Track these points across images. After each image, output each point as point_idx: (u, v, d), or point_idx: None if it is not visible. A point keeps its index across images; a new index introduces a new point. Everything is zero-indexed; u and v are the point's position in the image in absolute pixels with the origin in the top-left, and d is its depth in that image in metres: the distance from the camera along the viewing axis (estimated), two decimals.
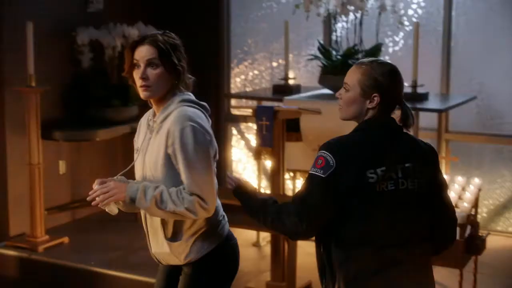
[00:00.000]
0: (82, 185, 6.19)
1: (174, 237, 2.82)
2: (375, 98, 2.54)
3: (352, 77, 2.59)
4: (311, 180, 2.51)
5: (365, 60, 2.62)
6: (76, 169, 6.05)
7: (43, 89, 5.39)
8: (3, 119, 5.53)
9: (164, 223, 2.81)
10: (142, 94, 2.78)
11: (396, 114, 2.62)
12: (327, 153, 2.49)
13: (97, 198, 2.77)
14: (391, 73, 2.56)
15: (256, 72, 6.79)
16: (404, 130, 2.63)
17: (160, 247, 2.86)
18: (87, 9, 6.15)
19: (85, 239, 5.70)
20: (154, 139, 2.78)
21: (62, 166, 6.02)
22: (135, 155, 2.89)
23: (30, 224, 5.45)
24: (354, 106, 2.61)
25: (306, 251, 5.33)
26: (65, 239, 5.59)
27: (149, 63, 2.75)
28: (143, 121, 2.93)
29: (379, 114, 2.56)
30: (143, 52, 2.76)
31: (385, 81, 2.53)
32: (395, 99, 2.59)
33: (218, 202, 2.92)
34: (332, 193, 2.47)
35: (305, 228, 2.51)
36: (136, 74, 2.77)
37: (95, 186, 2.78)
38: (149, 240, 2.92)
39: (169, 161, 2.72)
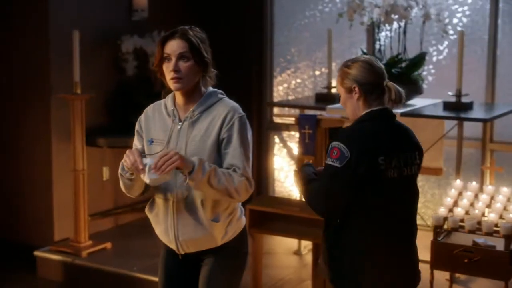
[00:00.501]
0: None
1: (214, 218, 2.88)
2: (356, 89, 2.91)
3: (337, 85, 3.03)
4: (328, 170, 2.80)
5: (341, 65, 3.02)
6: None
7: (88, 96, 5.46)
8: (49, 125, 5.61)
9: (203, 204, 2.85)
10: (173, 86, 2.87)
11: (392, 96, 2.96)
12: (341, 144, 2.79)
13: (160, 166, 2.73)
14: (360, 64, 2.94)
15: (298, 80, 6.79)
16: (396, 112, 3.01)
17: (195, 232, 2.88)
18: (131, 17, 6.22)
19: (127, 244, 5.75)
20: (191, 128, 2.88)
21: (105, 173, 6.09)
22: (155, 146, 2.92)
23: (74, 229, 5.52)
24: (348, 106, 2.97)
25: None
26: (108, 245, 5.64)
27: (181, 56, 2.85)
28: (157, 112, 2.98)
29: (370, 103, 2.91)
30: (174, 46, 2.85)
31: (356, 72, 2.91)
32: (374, 84, 2.92)
33: None
34: (347, 181, 2.77)
35: (326, 215, 2.92)
36: (167, 68, 2.86)
37: (147, 160, 2.77)
38: (175, 229, 2.91)
39: (217, 146, 2.85)
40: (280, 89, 6.86)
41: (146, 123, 3.01)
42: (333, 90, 5.90)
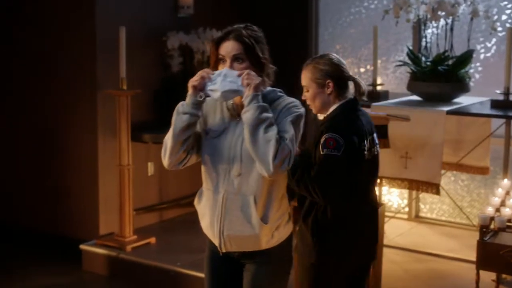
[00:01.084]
0: (170, 187, 6.31)
1: (263, 218, 2.83)
2: (330, 84, 3.20)
3: (305, 78, 3.26)
4: (328, 160, 3.05)
5: (307, 60, 3.28)
6: (164, 171, 6.14)
7: (134, 92, 5.51)
8: (95, 121, 5.67)
9: (255, 201, 2.80)
10: None
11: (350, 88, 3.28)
12: (335, 134, 3.07)
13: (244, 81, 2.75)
14: (331, 59, 3.24)
15: None
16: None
17: (241, 229, 2.83)
18: (177, 14, 6.26)
19: (171, 240, 5.79)
20: None
21: (150, 168, 6.14)
22: (213, 137, 2.87)
23: (119, 224, 5.57)
24: (318, 100, 3.24)
25: (391, 259, 5.28)
26: (152, 240, 5.69)
27: (235, 58, 2.80)
28: (219, 104, 2.91)
29: (340, 96, 3.21)
30: (228, 48, 2.80)
31: (329, 68, 3.20)
32: (343, 77, 3.23)
33: (287, 197, 2.98)
34: (347, 167, 3.07)
35: (327, 201, 3.13)
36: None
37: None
38: (221, 224, 2.86)
39: None
40: None
41: (206, 112, 2.93)
42: (379, 88, 5.86)
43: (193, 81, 2.81)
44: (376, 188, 3.50)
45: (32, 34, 5.96)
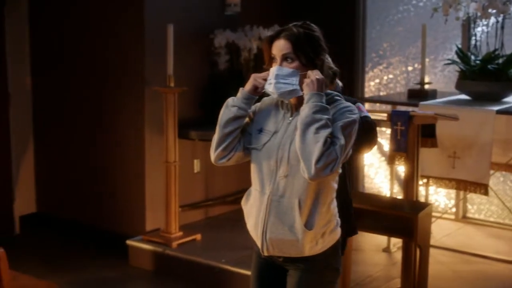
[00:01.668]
0: (215, 184, 6.33)
1: (307, 224, 2.77)
2: None
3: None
4: (370, 123, 3.43)
5: None
6: (210, 168, 6.18)
7: (181, 89, 5.54)
8: (142, 117, 5.72)
9: (300, 206, 2.75)
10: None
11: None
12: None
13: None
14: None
15: (391, 76, 6.71)
16: None
17: (284, 233, 2.78)
18: (224, 12, 6.28)
19: (216, 237, 5.81)
20: None
21: (196, 165, 6.17)
22: (262, 136, 2.86)
23: (165, 220, 5.61)
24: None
25: (437, 260, 5.23)
26: (198, 236, 5.72)
27: (285, 58, 2.77)
28: (274, 104, 2.90)
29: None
30: (279, 47, 2.78)
31: None
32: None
33: (335, 202, 2.91)
34: None
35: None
36: None
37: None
38: (264, 225, 2.82)
39: None
40: (371, 85, 6.79)
41: (260, 111, 2.92)
42: (426, 86, 5.80)
43: (258, 81, 2.82)
44: (423, 188, 3.47)
45: (82, 32, 6.03)
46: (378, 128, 6.60)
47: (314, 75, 2.73)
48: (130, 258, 5.65)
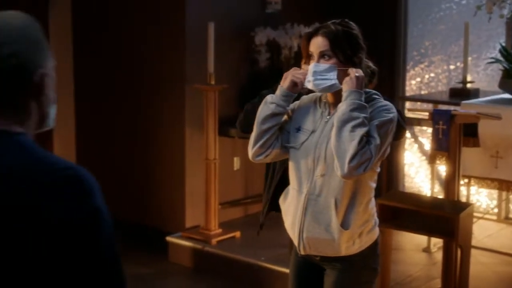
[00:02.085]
0: (255, 181, 6.33)
1: (344, 224, 2.77)
2: None
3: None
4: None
5: None
6: (249, 166, 6.18)
7: (222, 87, 5.56)
8: (183, 115, 5.76)
9: (336, 205, 2.75)
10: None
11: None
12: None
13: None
14: None
15: (432, 74, 6.64)
16: None
17: (320, 233, 2.78)
18: (265, 10, 6.28)
19: (255, 234, 5.81)
20: None
21: (236, 163, 6.19)
22: (301, 134, 2.86)
23: (205, 217, 5.64)
24: None
25: (479, 260, 5.17)
26: (237, 234, 5.73)
27: (322, 55, 2.77)
28: (312, 102, 2.91)
29: None
30: (316, 44, 2.78)
31: None
32: None
33: (373, 202, 2.89)
34: None
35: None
36: None
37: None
38: (301, 224, 2.82)
39: None
40: (412, 83, 6.74)
41: (299, 109, 2.92)
42: (469, 85, 5.74)
43: (296, 76, 2.82)
44: (464, 188, 3.40)
45: (124, 30, 6.09)
46: (419, 127, 6.60)
47: (354, 72, 2.72)
48: (169, 255, 5.69)
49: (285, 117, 2.91)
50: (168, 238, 5.72)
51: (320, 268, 2.94)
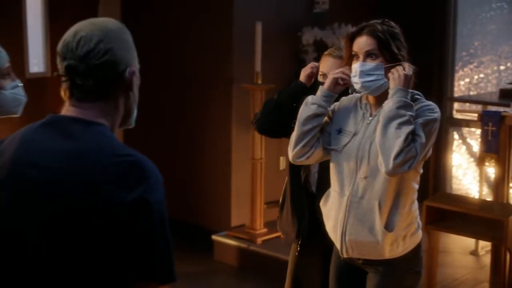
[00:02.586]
0: None
1: (388, 226, 2.74)
2: None
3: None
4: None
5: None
6: None
7: (269, 86, 5.56)
8: (230, 114, 5.78)
9: (380, 207, 2.72)
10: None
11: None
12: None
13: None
14: None
15: (481, 75, 6.55)
16: None
17: (363, 235, 2.76)
18: (313, 9, 6.27)
19: None
20: None
21: (282, 162, 6.18)
22: (342, 137, 2.84)
23: (250, 216, 5.65)
24: None
25: None
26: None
27: (368, 54, 2.74)
28: (353, 103, 2.88)
29: None
30: (361, 44, 2.75)
31: None
32: None
33: (417, 204, 2.86)
34: None
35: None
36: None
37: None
38: (343, 227, 2.80)
39: None
40: (461, 84, 6.66)
41: (339, 111, 2.90)
42: None
43: (339, 76, 2.81)
44: None
45: (172, 30, 6.13)
46: (467, 129, 6.52)
47: (402, 70, 2.69)
48: (215, 253, 5.72)
49: (325, 118, 2.90)
50: (214, 237, 5.75)
51: (362, 271, 2.91)
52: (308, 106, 2.85)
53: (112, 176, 1.64)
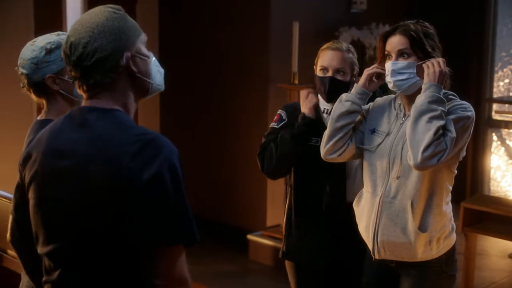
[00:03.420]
0: None
1: (421, 227, 2.71)
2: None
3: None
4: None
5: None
6: None
7: (305, 86, 5.54)
8: (266, 114, 5.77)
9: (413, 207, 2.69)
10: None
11: None
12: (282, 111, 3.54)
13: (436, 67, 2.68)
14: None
15: None
16: None
17: (396, 236, 2.73)
18: (350, 9, 6.25)
19: None
20: None
21: None
22: (375, 137, 2.82)
23: None
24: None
25: None
26: None
27: (401, 53, 2.72)
28: (387, 104, 2.87)
29: None
30: (394, 43, 2.73)
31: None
32: None
33: (451, 205, 2.82)
34: None
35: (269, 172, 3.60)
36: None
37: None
38: (376, 227, 2.77)
39: None
40: (500, 85, 6.58)
41: (373, 111, 2.90)
42: None
43: (374, 71, 2.82)
44: None
45: (209, 30, 6.15)
46: (506, 130, 6.45)
47: (437, 65, 2.67)
48: (250, 253, 5.73)
49: (359, 117, 2.90)
50: (249, 236, 5.76)
51: (395, 274, 2.89)
52: (342, 103, 2.86)
53: (131, 154, 1.79)
